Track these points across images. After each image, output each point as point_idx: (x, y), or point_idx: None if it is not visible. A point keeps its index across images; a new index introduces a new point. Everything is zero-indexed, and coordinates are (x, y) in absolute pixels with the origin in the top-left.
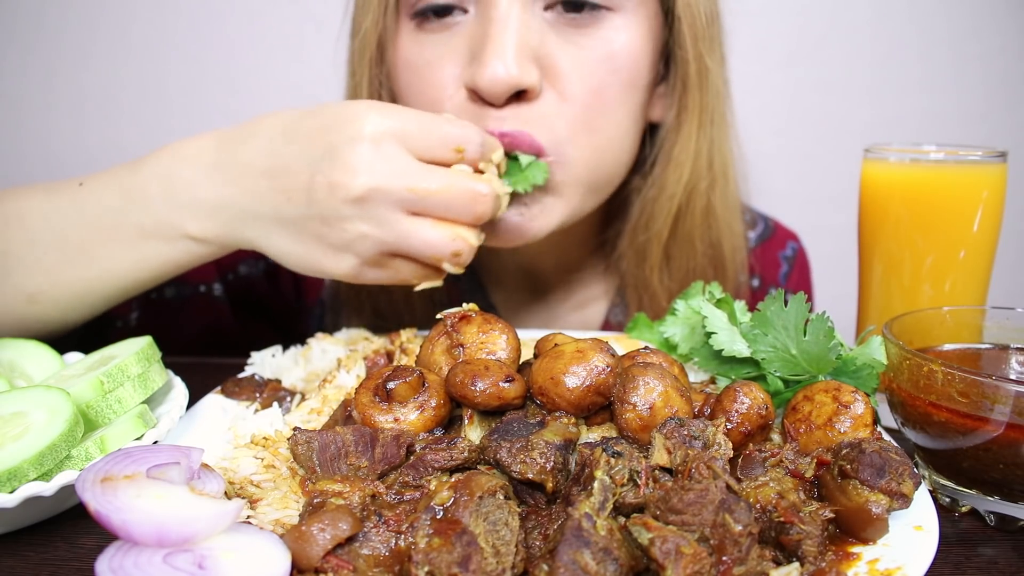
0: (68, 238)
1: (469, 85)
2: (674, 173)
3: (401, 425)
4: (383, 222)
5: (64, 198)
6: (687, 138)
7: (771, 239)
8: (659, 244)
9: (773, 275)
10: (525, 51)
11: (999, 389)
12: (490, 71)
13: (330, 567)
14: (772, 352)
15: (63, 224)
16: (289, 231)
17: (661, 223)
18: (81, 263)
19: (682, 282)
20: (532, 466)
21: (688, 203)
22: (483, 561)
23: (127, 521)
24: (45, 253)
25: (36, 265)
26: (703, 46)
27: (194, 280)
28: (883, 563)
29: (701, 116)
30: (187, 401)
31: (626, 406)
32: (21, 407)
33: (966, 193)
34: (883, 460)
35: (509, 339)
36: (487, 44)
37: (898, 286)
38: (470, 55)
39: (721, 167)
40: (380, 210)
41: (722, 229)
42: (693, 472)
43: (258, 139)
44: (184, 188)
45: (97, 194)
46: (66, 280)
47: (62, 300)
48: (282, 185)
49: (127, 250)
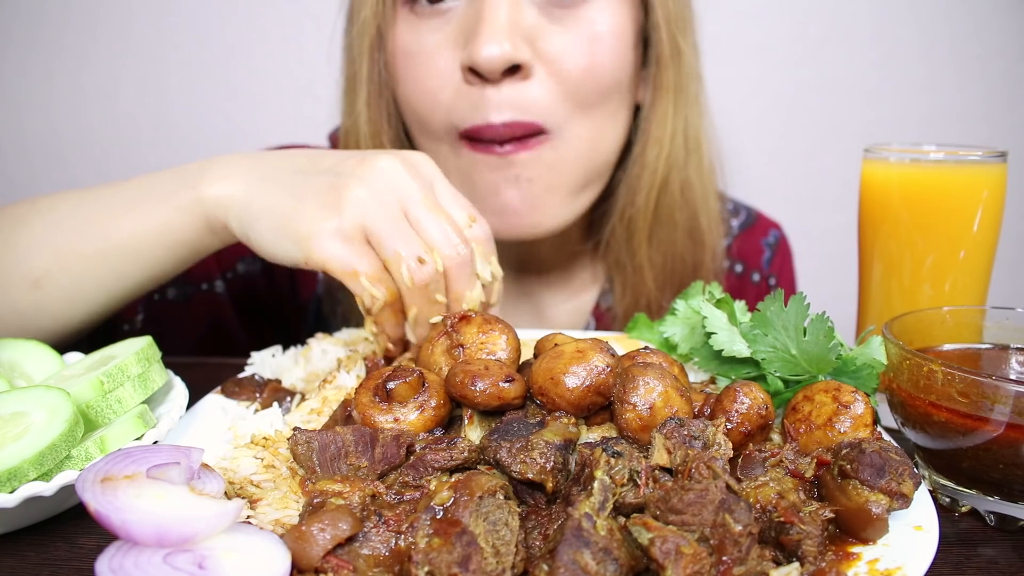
0: (86, 216)
1: (466, 63)
2: (653, 150)
3: (401, 425)
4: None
5: (105, 187)
6: (663, 116)
7: (753, 227)
8: (645, 218)
9: (756, 261)
10: (517, 30)
11: (999, 389)
12: (486, 49)
13: (330, 567)
14: (772, 352)
15: (88, 206)
16: (293, 187)
17: (645, 197)
18: (90, 238)
19: (665, 255)
20: (532, 466)
21: (667, 178)
22: (483, 561)
23: (127, 521)
24: (60, 234)
25: (49, 247)
26: (675, 27)
27: (196, 279)
28: (883, 563)
29: (676, 96)
30: (187, 401)
31: (626, 406)
32: (21, 407)
33: (966, 193)
34: (883, 460)
35: (509, 339)
36: (481, 24)
37: (898, 286)
38: (464, 39)
39: (695, 145)
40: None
41: (698, 203)
42: (693, 472)
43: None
44: (213, 165)
45: (135, 181)
46: (73, 259)
47: (66, 283)
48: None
49: (136, 220)
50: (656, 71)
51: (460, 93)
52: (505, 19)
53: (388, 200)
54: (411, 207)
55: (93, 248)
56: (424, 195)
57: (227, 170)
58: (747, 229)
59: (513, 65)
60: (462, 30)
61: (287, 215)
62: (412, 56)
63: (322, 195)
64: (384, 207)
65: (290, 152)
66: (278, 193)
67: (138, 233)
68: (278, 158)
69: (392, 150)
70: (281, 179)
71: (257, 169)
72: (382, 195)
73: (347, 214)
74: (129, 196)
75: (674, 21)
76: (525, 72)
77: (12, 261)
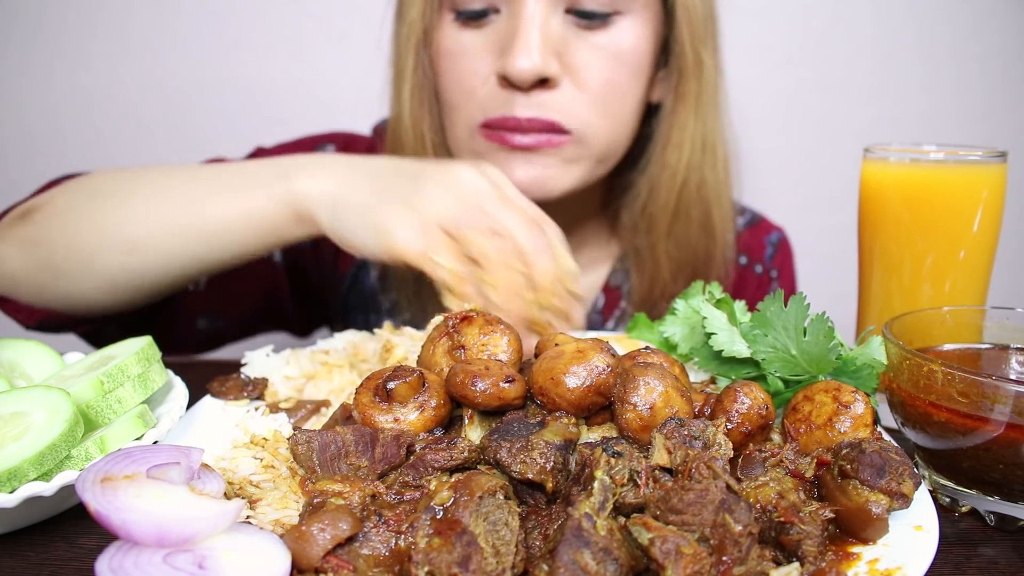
0: (186, 194)
1: (500, 73)
2: (674, 153)
3: (401, 425)
4: (461, 197)
5: (204, 168)
6: (684, 122)
7: (758, 225)
8: (666, 217)
9: (759, 255)
10: (548, 46)
11: (999, 389)
12: (519, 62)
13: (330, 567)
14: (772, 352)
15: (189, 185)
16: (380, 187)
17: (666, 196)
18: (186, 213)
19: (681, 248)
20: (532, 466)
21: (687, 179)
22: (483, 561)
23: (127, 521)
24: (160, 207)
25: (149, 218)
26: (699, 43)
27: None
28: (883, 563)
29: (696, 103)
30: (187, 401)
31: (626, 406)
32: (21, 407)
33: (966, 193)
34: (883, 460)
35: (510, 340)
36: (516, 39)
37: (898, 286)
38: (500, 48)
39: (712, 147)
40: (466, 190)
41: (711, 199)
42: (693, 472)
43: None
44: (309, 161)
45: (233, 166)
46: (169, 232)
47: (159, 253)
48: (397, 166)
49: (232, 203)
50: (678, 80)
51: (492, 92)
52: (537, 35)
53: (466, 199)
54: (487, 203)
55: (189, 224)
56: (499, 194)
57: (321, 168)
58: (752, 226)
59: (542, 78)
60: (499, 39)
61: (372, 210)
62: (454, 57)
63: (405, 195)
64: (462, 205)
65: (378, 157)
66: (365, 191)
67: (232, 215)
68: (367, 162)
69: (469, 162)
70: (369, 180)
71: (348, 169)
72: (460, 195)
73: (426, 210)
74: (228, 181)
75: (698, 36)
76: (553, 83)
77: (113, 226)
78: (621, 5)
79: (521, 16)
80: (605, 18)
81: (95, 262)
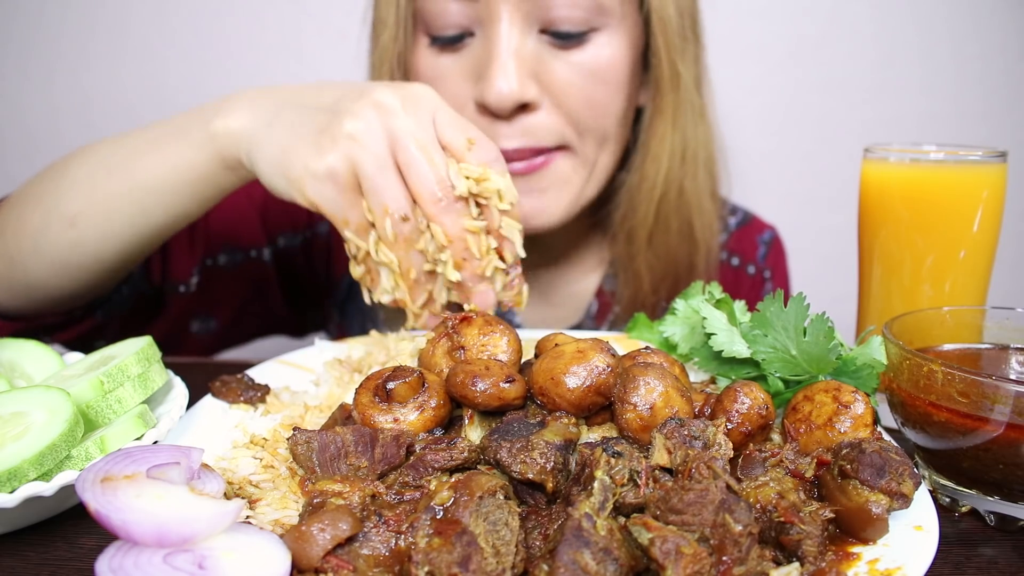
0: (115, 156)
1: (478, 101)
2: (652, 165)
3: (401, 425)
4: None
5: (137, 129)
6: (662, 134)
7: (749, 225)
8: (645, 229)
9: (752, 255)
10: (524, 69)
11: (999, 389)
12: (496, 89)
13: (330, 567)
14: (772, 353)
15: (119, 147)
16: (293, 123)
17: (645, 210)
18: (117, 177)
19: (661, 258)
20: (532, 466)
21: (666, 191)
22: (483, 561)
23: (127, 521)
24: (93, 174)
25: (83, 187)
26: (675, 54)
27: (245, 246)
28: (883, 563)
29: (674, 115)
30: (187, 401)
31: (627, 406)
32: (21, 407)
33: (966, 193)
34: (883, 460)
35: (510, 341)
36: (491, 66)
37: (898, 286)
38: (477, 74)
39: (693, 156)
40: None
41: (692, 209)
42: (693, 472)
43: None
44: (228, 100)
45: (162, 121)
46: (102, 197)
47: (98, 221)
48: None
49: (157, 158)
50: (655, 93)
51: (473, 120)
52: (512, 61)
53: (378, 141)
54: (401, 149)
55: (120, 186)
56: (419, 131)
57: (238, 102)
58: (743, 226)
59: (522, 104)
60: (476, 64)
61: (284, 151)
62: (432, 83)
63: (317, 133)
64: (374, 150)
65: (301, 86)
66: (278, 128)
67: (159, 170)
68: (288, 92)
69: (393, 83)
70: (285, 114)
71: (265, 103)
72: (374, 135)
73: (336, 156)
74: (153, 135)
75: (675, 48)
76: (533, 107)
77: (54, 201)
78: (596, 22)
79: (495, 40)
80: (581, 36)
81: (39, 241)
